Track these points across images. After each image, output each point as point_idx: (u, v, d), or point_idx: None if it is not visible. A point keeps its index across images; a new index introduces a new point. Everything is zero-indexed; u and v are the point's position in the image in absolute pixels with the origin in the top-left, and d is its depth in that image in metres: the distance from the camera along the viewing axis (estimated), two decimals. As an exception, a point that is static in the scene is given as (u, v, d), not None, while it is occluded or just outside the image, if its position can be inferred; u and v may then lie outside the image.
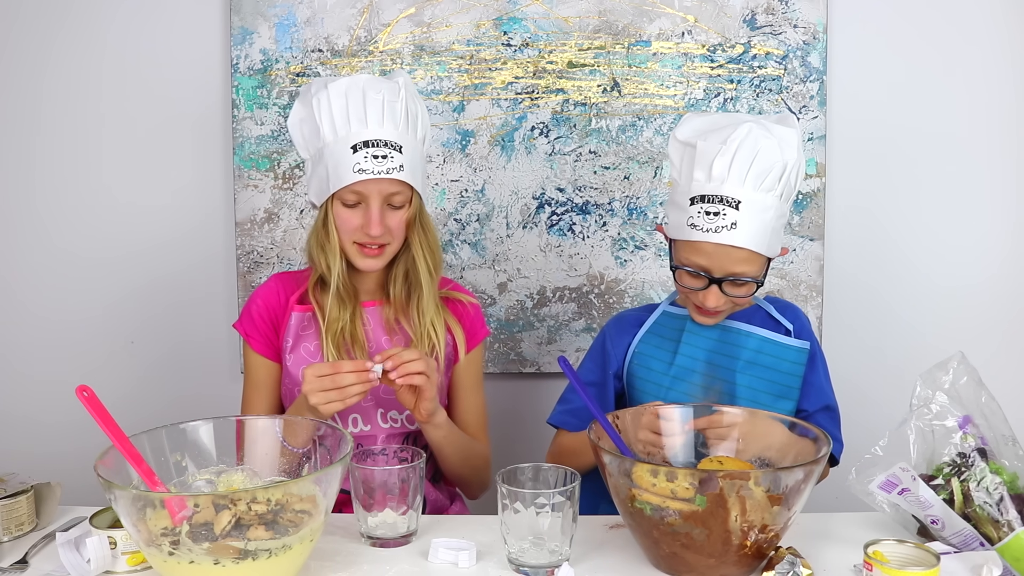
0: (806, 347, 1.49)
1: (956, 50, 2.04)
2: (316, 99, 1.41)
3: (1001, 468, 1.20)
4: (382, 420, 1.48)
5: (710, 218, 1.35)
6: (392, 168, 1.39)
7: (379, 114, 1.40)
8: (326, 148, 1.40)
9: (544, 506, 1.10)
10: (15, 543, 1.24)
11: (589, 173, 2.04)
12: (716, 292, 1.40)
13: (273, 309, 1.51)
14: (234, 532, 1.00)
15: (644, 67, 2.01)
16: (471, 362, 1.58)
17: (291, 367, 1.48)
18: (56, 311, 2.12)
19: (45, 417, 2.11)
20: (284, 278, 1.55)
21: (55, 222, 2.09)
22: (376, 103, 1.40)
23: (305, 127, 1.44)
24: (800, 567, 1.07)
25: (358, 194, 1.40)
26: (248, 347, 1.52)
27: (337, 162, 1.39)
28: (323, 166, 1.41)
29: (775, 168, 1.34)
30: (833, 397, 1.53)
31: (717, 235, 1.35)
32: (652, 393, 1.51)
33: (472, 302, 1.58)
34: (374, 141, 1.39)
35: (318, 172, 1.43)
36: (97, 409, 1.06)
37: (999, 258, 2.10)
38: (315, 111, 1.40)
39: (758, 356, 1.48)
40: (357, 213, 1.42)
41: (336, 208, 1.42)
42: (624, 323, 1.60)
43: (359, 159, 1.38)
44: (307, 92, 1.44)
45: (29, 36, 2.04)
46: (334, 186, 1.40)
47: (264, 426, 1.24)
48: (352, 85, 1.40)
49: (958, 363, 1.26)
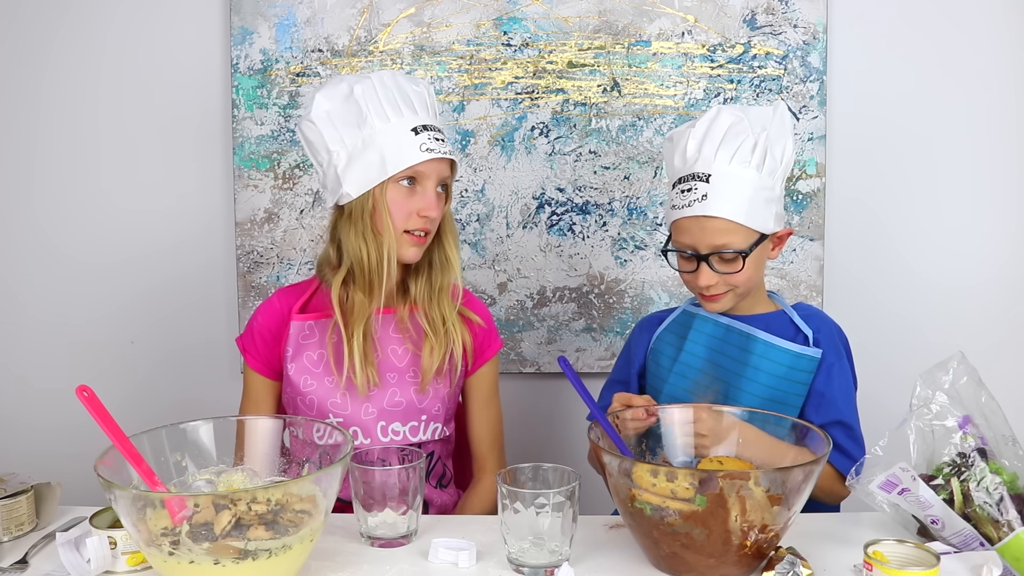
0: (817, 356, 1.45)
1: (956, 50, 2.04)
2: (360, 87, 1.40)
3: (1001, 468, 1.20)
4: (382, 434, 1.46)
5: (684, 195, 1.41)
6: (450, 151, 1.44)
7: (424, 104, 1.44)
8: (377, 134, 1.39)
9: (544, 506, 1.10)
10: (15, 543, 1.24)
11: (589, 173, 2.04)
12: (706, 270, 1.42)
13: (273, 328, 1.50)
14: (234, 532, 1.00)
15: (644, 67, 2.01)
16: (484, 376, 1.58)
17: (292, 376, 1.46)
18: (55, 310, 2.12)
19: (45, 417, 2.11)
20: (287, 293, 1.53)
21: (55, 220, 2.09)
22: (419, 94, 1.44)
23: (337, 119, 1.42)
24: (800, 567, 1.07)
25: (418, 176, 1.41)
26: (245, 363, 1.52)
27: (398, 145, 1.39)
28: (373, 152, 1.39)
29: (746, 141, 1.38)
30: (851, 415, 1.47)
31: (690, 209, 1.40)
32: (654, 387, 1.52)
33: (482, 325, 1.56)
34: (430, 126, 1.42)
35: (364, 159, 1.40)
36: (97, 409, 1.06)
37: (999, 258, 2.10)
38: (359, 100, 1.40)
39: (760, 360, 1.46)
40: (414, 197, 1.42)
41: (391, 193, 1.41)
42: (647, 322, 1.65)
43: (423, 139, 1.40)
44: (334, 86, 1.43)
45: (28, 36, 2.04)
46: (397, 167, 1.39)
47: (264, 426, 1.24)
48: (392, 76, 1.44)
49: (958, 363, 1.26)
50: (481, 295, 2.07)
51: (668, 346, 1.56)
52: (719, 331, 1.51)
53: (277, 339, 1.49)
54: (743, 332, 1.49)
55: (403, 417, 1.47)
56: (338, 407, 1.45)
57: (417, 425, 1.48)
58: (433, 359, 1.47)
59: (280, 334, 1.49)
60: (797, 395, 1.45)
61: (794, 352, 1.45)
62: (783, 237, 1.49)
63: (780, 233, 1.47)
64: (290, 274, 2.06)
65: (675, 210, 1.43)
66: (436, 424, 1.50)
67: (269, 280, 2.07)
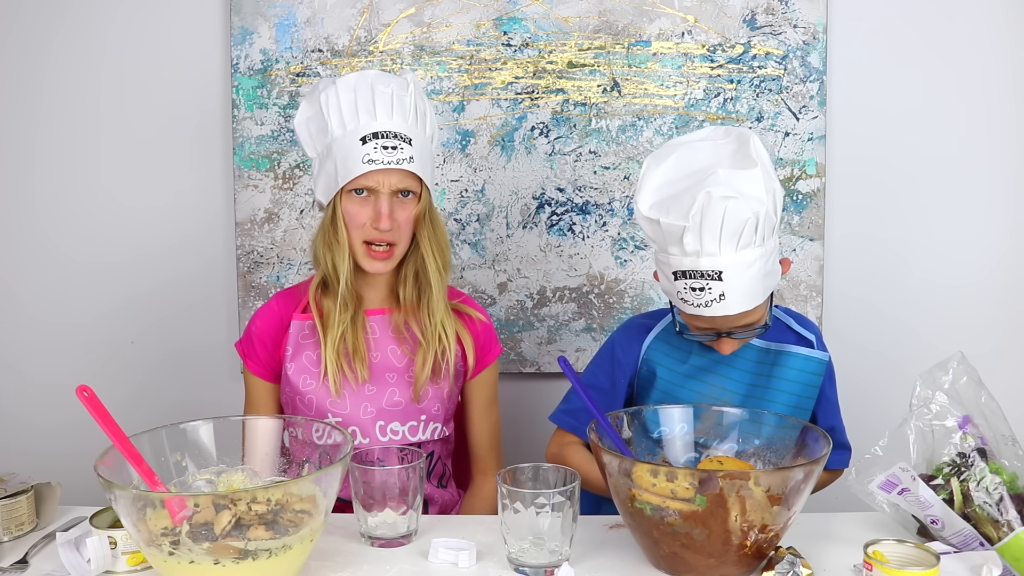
0: (826, 358, 1.50)
1: (955, 50, 2.04)
2: (324, 95, 1.40)
3: (1001, 468, 1.20)
4: (380, 433, 1.47)
5: (697, 294, 1.31)
6: (402, 159, 1.38)
7: (388, 106, 1.39)
8: (334, 143, 1.40)
9: (544, 506, 1.10)
10: (15, 543, 1.24)
11: (589, 173, 2.04)
12: (728, 341, 1.41)
13: (272, 331, 1.49)
14: (234, 532, 1.00)
15: (644, 67, 2.01)
16: (485, 382, 1.58)
17: (292, 375, 1.46)
18: (56, 310, 2.11)
19: (46, 417, 2.11)
20: (284, 297, 1.53)
21: (55, 220, 2.09)
22: (385, 96, 1.39)
23: (312, 125, 1.44)
24: (800, 567, 1.07)
25: (368, 187, 1.39)
26: (245, 367, 1.53)
27: (346, 155, 1.38)
28: (331, 161, 1.40)
29: (747, 224, 1.26)
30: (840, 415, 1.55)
31: (708, 309, 1.31)
32: (664, 391, 1.50)
33: (483, 320, 1.56)
34: (383, 132, 1.38)
35: (326, 168, 1.42)
36: (97, 409, 1.06)
37: (999, 258, 2.10)
38: (323, 107, 1.40)
39: (785, 371, 1.48)
40: (366, 208, 1.40)
41: (345, 203, 1.41)
42: (632, 330, 1.58)
43: (368, 150, 1.37)
44: (314, 91, 1.44)
45: (28, 36, 2.04)
46: (343, 179, 1.39)
47: (264, 427, 1.24)
48: (360, 79, 1.41)
49: (958, 363, 1.26)
50: (481, 295, 2.07)
51: (665, 357, 1.52)
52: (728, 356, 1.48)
53: (277, 343, 1.49)
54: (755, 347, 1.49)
55: (402, 417, 1.47)
56: (337, 407, 1.45)
57: (416, 425, 1.48)
58: (425, 368, 1.47)
59: (279, 338, 1.49)
60: (810, 399, 1.49)
61: (808, 357, 1.48)
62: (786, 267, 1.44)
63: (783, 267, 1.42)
64: (290, 274, 2.06)
65: (687, 304, 1.33)
66: (436, 424, 1.50)
67: (269, 280, 2.07)
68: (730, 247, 1.27)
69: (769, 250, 1.32)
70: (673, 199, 1.30)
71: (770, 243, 1.32)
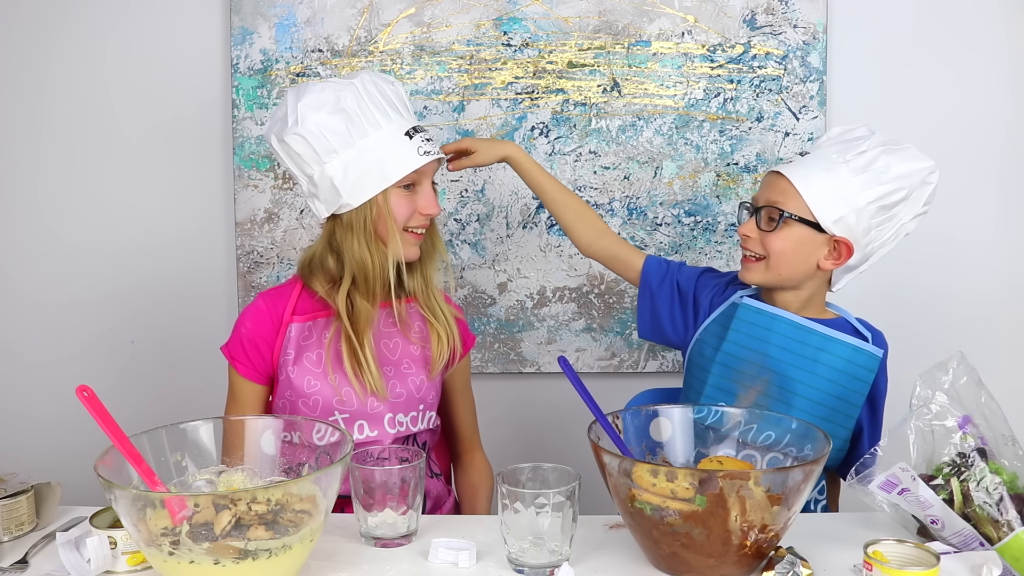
0: (878, 354, 1.48)
1: (955, 50, 2.04)
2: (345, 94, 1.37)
3: (1001, 468, 1.20)
4: (389, 425, 1.47)
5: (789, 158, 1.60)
6: (438, 150, 1.46)
7: (405, 104, 1.46)
8: (372, 142, 1.39)
9: (544, 506, 1.10)
10: (15, 543, 1.24)
11: (589, 173, 2.04)
12: (751, 222, 1.48)
13: (264, 333, 1.47)
14: (234, 532, 1.00)
15: (644, 67, 2.01)
16: (464, 366, 1.64)
17: (295, 379, 1.45)
18: (56, 311, 2.12)
19: (45, 417, 2.11)
20: (271, 297, 1.50)
21: (54, 220, 2.09)
22: (398, 95, 1.45)
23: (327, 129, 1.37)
24: (800, 567, 1.07)
25: (413, 180, 1.43)
26: (233, 370, 1.50)
27: (394, 150, 1.40)
28: (370, 160, 1.39)
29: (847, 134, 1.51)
30: None
31: (778, 165, 1.50)
32: (698, 378, 1.53)
33: (458, 315, 1.60)
34: (419, 127, 1.45)
35: (361, 168, 1.39)
36: (97, 409, 1.06)
37: (999, 258, 2.10)
38: (348, 108, 1.37)
39: (818, 353, 1.46)
40: (409, 199, 1.44)
41: (394, 198, 1.42)
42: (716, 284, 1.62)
43: (418, 142, 1.42)
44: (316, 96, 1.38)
45: (29, 36, 2.04)
46: (398, 173, 1.40)
47: (265, 427, 1.24)
48: (371, 80, 1.42)
49: (958, 363, 1.26)
50: (481, 295, 2.07)
51: (713, 336, 1.54)
52: (762, 319, 1.49)
53: (269, 344, 1.47)
54: (793, 323, 1.48)
55: (405, 408, 1.48)
56: (344, 404, 1.45)
57: (416, 415, 1.49)
58: (442, 347, 1.51)
59: (272, 339, 1.47)
60: (859, 392, 1.47)
61: (854, 346, 1.47)
62: (841, 249, 1.44)
63: (838, 238, 1.43)
64: (290, 274, 2.05)
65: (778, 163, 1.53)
66: (430, 413, 1.52)
67: (269, 280, 2.07)
68: (829, 145, 1.49)
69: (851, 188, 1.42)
70: None
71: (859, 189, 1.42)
